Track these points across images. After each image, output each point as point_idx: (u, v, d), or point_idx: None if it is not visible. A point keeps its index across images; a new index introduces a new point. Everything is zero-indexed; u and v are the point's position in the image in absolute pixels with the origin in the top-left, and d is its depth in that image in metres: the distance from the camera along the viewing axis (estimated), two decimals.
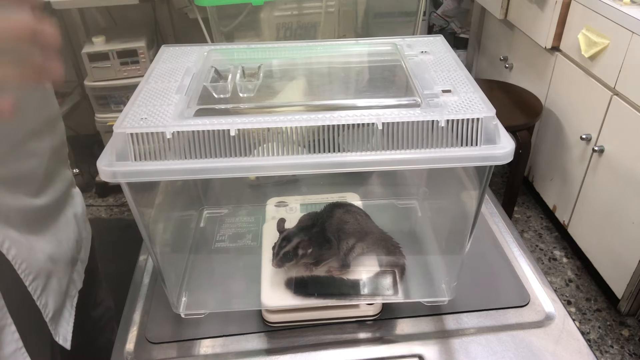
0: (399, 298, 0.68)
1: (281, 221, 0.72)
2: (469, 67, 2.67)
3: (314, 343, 0.65)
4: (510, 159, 0.50)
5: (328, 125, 0.50)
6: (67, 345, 0.69)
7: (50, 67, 0.42)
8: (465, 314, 0.68)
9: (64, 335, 0.69)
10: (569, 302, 1.70)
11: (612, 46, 1.49)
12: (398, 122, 0.50)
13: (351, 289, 0.68)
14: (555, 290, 0.72)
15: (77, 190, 0.82)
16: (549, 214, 2.02)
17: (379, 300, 0.67)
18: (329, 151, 0.50)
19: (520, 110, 1.80)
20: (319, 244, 0.67)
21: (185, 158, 0.50)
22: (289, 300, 0.66)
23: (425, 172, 0.83)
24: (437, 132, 0.50)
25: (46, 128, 0.67)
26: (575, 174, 1.73)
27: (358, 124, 0.51)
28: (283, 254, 0.66)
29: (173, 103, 0.54)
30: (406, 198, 0.86)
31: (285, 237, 0.67)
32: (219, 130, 0.49)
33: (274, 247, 0.67)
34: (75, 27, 2.22)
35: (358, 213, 0.72)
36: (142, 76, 0.61)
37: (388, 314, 0.68)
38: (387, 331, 0.66)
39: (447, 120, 0.50)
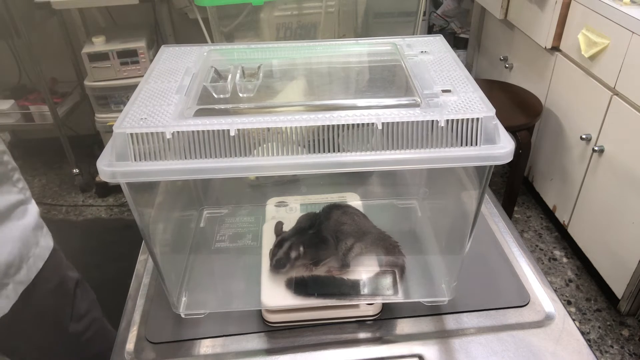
0: (399, 298, 0.68)
1: (278, 224, 0.72)
2: (469, 67, 2.67)
3: (314, 343, 0.65)
4: (510, 158, 0.50)
5: (328, 125, 0.50)
6: None
7: None
8: (465, 314, 0.68)
9: None
10: (569, 302, 1.70)
11: (612, 46, 1.49)
12: (398, 122, 0.50)
13: (351, 289, 0.68)
14: (555, 290, 0.72)
15: (29, 207, 0.76)
16: (549, 214, 2.02)
17: (379, 300, 0.67)
18: (329, 151, 0.50)
19: (520, 110, 1.80)
20: (315, 245, 0.68)
21: (185, 158, 0.50)
22: (289, 300, 0.66)
23: (425, 172, 0.83)
24: (437, 132, 0.50)
25: None
26: (575, 174, 1.73)
27: (358, 124, 0.51)
28: (276, 261, 0.67)
29: (173, 103, 0.54)
30: (406, 198, 0.86)
31: (278, 243, 0.68)
32: (218, 130, 0.49)
33: (270, 253, 0.68)
34: (75, 27, 2.22)
35: (355, 214, 0.72)
36: (142, 76, 0.61)
37: (388, 314, 0.68)
38: (387, 331, 0.66)
39: (447, 120, 0.50)
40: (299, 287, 0.67)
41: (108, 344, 0.70)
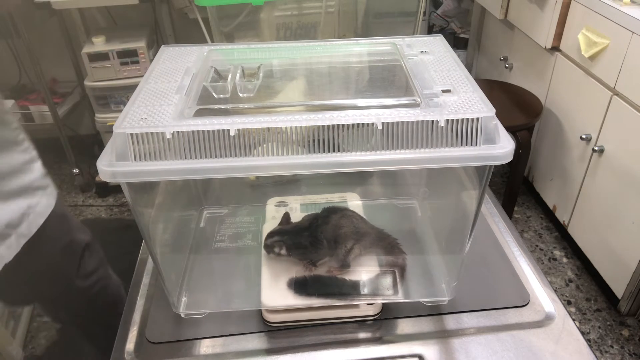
0: (399, 298, 0.68)
1: (286, 214, 0.75)
2: (469, 67, 2.67)
3: (314, 343, 0.65)
4: (510, 158, 0.50)
5: (328, 125, 0.50)
6: None
7: None
8: (465, 314, 0.68)
9: None
10: (569, 302, 1.70)
11: (612, 46, 1.49)
12: (398, 122, 0.50)
13: (351, 289, 0.68)
14: (555, 290, 0.72)
15: (33, 166, 0.82)
16: (549, 214, 2.02)
17: (379, 300, 0.67)
18: (329, 151, 0.50)
19: (520, 110, 1.80)
20: (304, 246, 0.69)
21: (185, 158, 0.50)
22: (289, 300, 0.66)
23: (425, 172, 0.83)
24: (437, 132, 0.50)
25: None
26: (575, 174, 1.73)
27: (358, 124, 0.51)
28: (265, 245, 0.70)
29: (173, 103, 0.54)
30: (406, 198, 0.86)
31: (270, 233, 0.70)
32: (218, 130, 0.49)
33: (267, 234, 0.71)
34: (75, 27, 2.22)
35: (354, 217, 0.72)
36: (142, 76, 0.61)
37: (388, 314, 0.68)
38: (387, 331, 0.66)
39: (447, 120, 0.50)
40: (299, 287, 0.67)
41: (113, 297, 0.82)
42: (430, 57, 0.64)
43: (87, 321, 0.99)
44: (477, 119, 0.50)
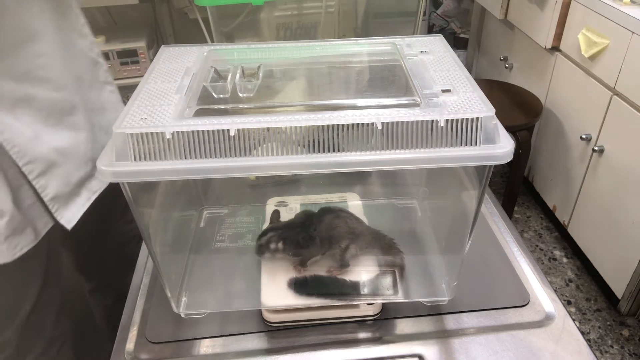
0: (399, 298, 0.68)
1: (275, 212, 0.75)
2: (469, 67, 2.67)
3: (314, 343, 0.65)
4: (509, 158, 0.50)
5: (328, 125, 0.50)
6: (69, 226, 0.74)
7: None
8: (465, 313, 0.68)
9: (68, 217, 0.74)
10: (569, 302, 1.70)
11: (612, 46, 1.49)
12: (397, 122, 0.50)
13: (351, 289, 0.68)
14: (555, 290, 0.72)
15: (120, 106, 0.88)
16: (549, 214, 2.02)
17: (379, 300, 0.67)
18: (329, 151, 0.50)
19: (520, 110, 1.80)
20: (297, 242, 0.69)
21: (185, 158, 0.50)
22: (289, 300, 0.66)
23: (425, 172, 0.83)
24: (437, 131, 0.50)
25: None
26: (575, 174, 1.73)
27: (358, 124, 0.51)
28: (258, 247, 0.69)
29: (173, 103, 0.54)
30: (406, 198, 0.86)
31: (264, 231, 0.70)
32: (218, 130, 0.49)
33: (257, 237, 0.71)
34: None
35: (348, 217, 0.72)
36: (142, 76, 0.61)
37: (388, 314, 0.68)
38: (387, 331, 0.66)
39: (447, 120, 0.50)
40: (299, 287, 0.67)
41: (138, 248, 0.83)
42: (430, 57, 0.64)
43: (108, 274, 1.03)
44: (477, 118, 0.50)
